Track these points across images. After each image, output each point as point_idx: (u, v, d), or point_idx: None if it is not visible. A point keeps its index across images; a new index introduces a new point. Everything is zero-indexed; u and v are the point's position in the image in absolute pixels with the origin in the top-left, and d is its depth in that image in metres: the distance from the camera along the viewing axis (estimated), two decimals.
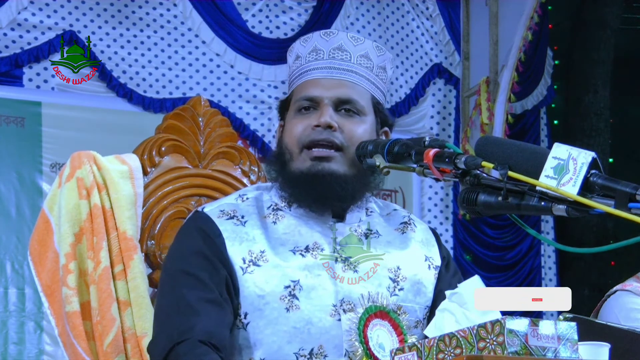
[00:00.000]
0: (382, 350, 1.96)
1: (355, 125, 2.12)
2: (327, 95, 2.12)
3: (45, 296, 2.25)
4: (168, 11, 6.46)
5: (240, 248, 2.07)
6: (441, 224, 7.22)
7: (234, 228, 2.09)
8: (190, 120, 2.46)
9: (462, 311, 1.73)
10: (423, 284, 2.14)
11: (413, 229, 2.22)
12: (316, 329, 2.01)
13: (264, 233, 2.10)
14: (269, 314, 2.02)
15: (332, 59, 2.15)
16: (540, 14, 6.96)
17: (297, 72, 2.19)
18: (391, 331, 2.00)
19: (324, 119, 2.09)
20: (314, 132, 2.10)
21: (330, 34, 2.18)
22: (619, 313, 2.85)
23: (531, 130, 7.52)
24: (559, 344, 1.52)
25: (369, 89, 2.17)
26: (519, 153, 1.69)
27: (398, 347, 1.65)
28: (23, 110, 6.03)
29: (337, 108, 2.12)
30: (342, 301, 2.03)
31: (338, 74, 2.14)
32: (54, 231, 2.25)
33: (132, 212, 2.28)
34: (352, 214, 2.15)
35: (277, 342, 2.01)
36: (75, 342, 2.18)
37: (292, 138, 2.13)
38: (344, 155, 2.10)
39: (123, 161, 2.33)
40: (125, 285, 2.22)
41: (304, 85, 2.15)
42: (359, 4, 6.97)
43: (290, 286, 2.03)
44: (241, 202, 2.16)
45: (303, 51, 2.18)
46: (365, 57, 2.17)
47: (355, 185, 2.11)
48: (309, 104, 2.13)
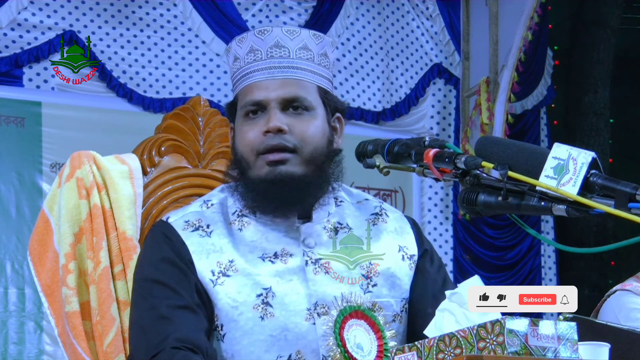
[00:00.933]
0: (360, 351, 1.93)
1: (305, 124, 2.09)
2: (272, 97, 2.08)
3: (45, 296, 2.25)
4: (168, 11, 6.46)
5: (208, 261, 2.04)
6: (441, 224, 7.22)
7: (200, 240, 2.06)
8: (190, 120, 2.46)
9: (462, 311, 1.73)
10: (397, 276, 2.11)
11: (385, 219, 2.18)
12: (292, 335, 2.00)
13: (231, 241, 2.07)
14: (244, 325, 2.00)
15: (271, 58, 2.10)
16: (540, 14, 6.96)
17: (238, 74, 2.15)
18: (368, 329, 1.97)
19: (273, 123, 2.06)
20: (266, 138, 2.07)
21: (265, 31, 2.13)
22: (619, 313, 2.86)
23: (531, 130, 7.52)
24: (559, 344, 1.52)
25: (314, 81, 2.12)
26: (519, 153, 1.69)
27: (398, 347, 1.65)
28: (23, 110, 6.03)
29: (284, 108, 2.09)
30: (316, 304, 2.01)
31: (279, 72, 2.10)
32: (53, 231, 2.25)
33: (131, 212, 2.28)
34: (319, 211, 2.12)
35: (254, 352, 1.99)
36: (75, 342, 2.18)
37: (245, 146, 2.10)
38: (298, 156, 2.07)
39: (123, 161, 2.33)
40: (125, 285, 2.22)
41: (248, 89, 2.11)
42: (359, 4, 6.97)
43: (263, 294, 2.01)
44: (206, 209, 2.13)
45: (240, 52, 2.14)
46: (305, 49, 2.12)
47: (315, 184, 2.09)
48: (255, 108, 2.10)
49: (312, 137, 2.08)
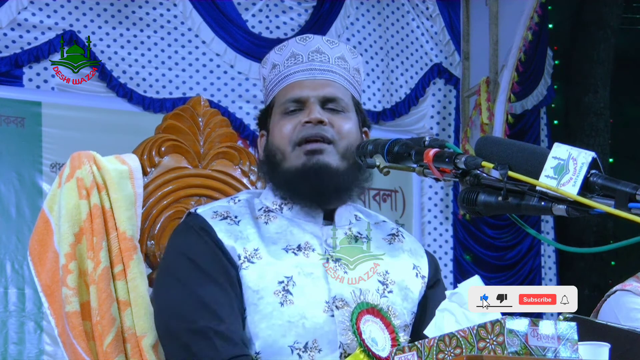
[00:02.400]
0: (375, 344, 1.98)
1: (342, 121, 2.17)
2: (313, 94, 2.17)
3: (45, 296, 2.25)
4: (168, 11, 6.46)
5: (236, 245, 2.10)
6: (441, 224, 7.22)
7: (228, 227, 2.12)
8: (190, 121, 2.46)
9: (462, 311, 1.73)
10: (410, 289, 2.17)
11: (401, 239, 2.25)
12: (310, 324, 2.04)
13: (257, 232, 2.13)
14: (263, 309, 2.05)
15: (312, 61, 2.20)
16: (540, 14, 6.96)
17: (276, 79, 2.22)
18: (383, 328, 2.02)
19: (314, 115, 2.14)
20: (304, 128, 2.14)
21: (307, 38, 2.23)
22: (618, 313, 2.86)
23: (531, 130, 7.52)
24: (559, 344, 1.52)
25: (349, 89, 2.22)
26: (519, 153, 1.69)
27: (398, 347, 1.65)
28: (23, 110, 6.03)
29: (323, 106, 2.17)
30: (335, 298, 2.05)
31: (320, 74, 2.20)
32: (53, 231, 2.25)
33: (131, 212, 2.28)
34: (342, 216, 2.19)
35: (272, 335, 2.03)
36: (75, 342, 2.18)
37: (282, 138, 2.16)
38: (334, 148, 2.14)
39: (123, 161, 2.33)
40: (125, 285, 2.22)
41: (287, 88, 2.20)
42: (359, 4, 6.97)
43: (284, 282, 2.07)
44: (233, 204, 2.20)
45: (279, 59, 2.22)
46: (342, 59, 2.22)
47: (348, 178, 2.15)
48: (295, 105, 2.18)
49: (348, 133, 2.16)
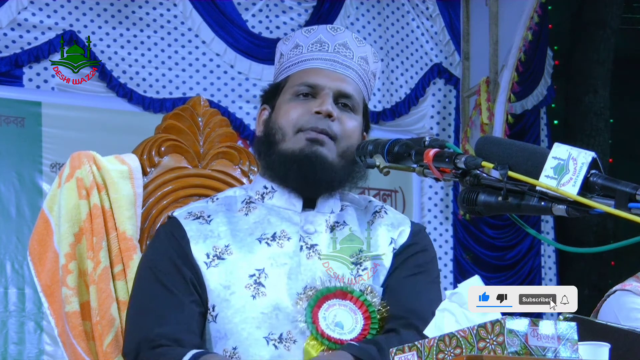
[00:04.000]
0: (338, 329, 1.99)
1: (349, 120, 2.18)
2: (330, 85, 2.17)
3: (45, 296, 2.25)
4: (168, 11, 6.46)
5: (204, 245, 2.11)
6: (441, 224, 7.22)
7: (199, 227, 2.13)
8: (190, 120, 2.46)
9: (462, 311, 1.72)
10: (384, 264, 2.14)
11: (382, 215, 2.22)
12: (283, 315, 2.04)
13: (229, 229, 2.13)
14: (235, 303, 2.05)
15: (337, 54, 2.21)
16: (540, 14, 6.96)
17: (296, 59, 2.22)
18: (355, 309, 2.02)
19: (327, 107, 2.14)
20: (313, 118, 2.14)
21: (337, 29, 2.24)
22: (618, 313, 2.85)
23: (531, 130, 7.52)
24: (559, 344, 1.52)
25: (363, 90, 2.23)
26: (519, 153, 1.69)
27: (398, 347, 1.65)
28: (23, 110, 6.03)
29: (335, 100, 2.17)
30: (306, 288, 2.05)
31: (341, 68, 2.20)
32: (53, 231, 2.25)
33: (131, 212, 2.28)
34: (324, 203, 2.18)
35: (246, 329, 2.03)
36: (74, 342, 2.18)
37: (288, 120, 2.16)
38: (336, 145, 2.15)
39: (123, 161, 2.33)
40: (125, 285, 2.23)
41: (307, 72, 2.20)
42: (359, 4, 6.97)
43: (255, 275, 2.07)
44: (211, 203, 2.21)
45: (305, 41, 2.22)
46: (364, 60, 2.24)
47: (340, 175, 2.15)
48: (309, 90, 2.18)
49: (352, 133, 2.17)
